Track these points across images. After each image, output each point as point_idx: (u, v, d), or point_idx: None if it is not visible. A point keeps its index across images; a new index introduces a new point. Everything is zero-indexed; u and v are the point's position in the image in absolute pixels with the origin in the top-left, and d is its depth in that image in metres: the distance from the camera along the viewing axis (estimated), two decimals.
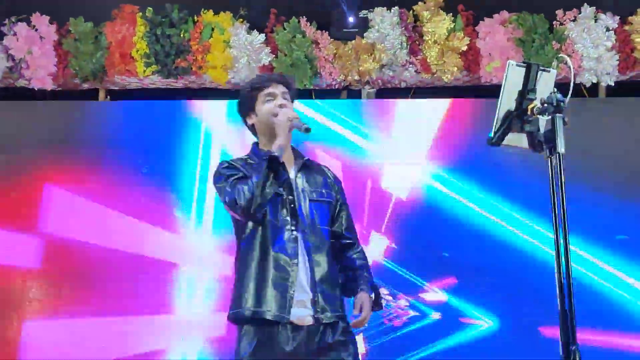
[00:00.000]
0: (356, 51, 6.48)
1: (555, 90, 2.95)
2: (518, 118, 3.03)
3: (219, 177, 3.65)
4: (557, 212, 2.82)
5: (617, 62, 6.27)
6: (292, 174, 3.73)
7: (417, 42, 6.46)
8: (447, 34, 6.42)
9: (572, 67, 3.09)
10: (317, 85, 6.65)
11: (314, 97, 6.76)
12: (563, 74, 6.17)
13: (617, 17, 6.34)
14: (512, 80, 3.06)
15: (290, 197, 3.64)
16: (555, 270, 2.78)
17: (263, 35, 6.51)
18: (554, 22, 6.38)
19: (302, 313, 3.53)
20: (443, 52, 6.42)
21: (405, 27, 6.46)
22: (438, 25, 6.41)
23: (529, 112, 3.00)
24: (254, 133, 3.86)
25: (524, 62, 3.07)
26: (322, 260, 3.63)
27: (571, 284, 2.74)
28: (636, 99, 6.52)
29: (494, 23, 6.43)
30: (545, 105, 2.90)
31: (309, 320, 3.53)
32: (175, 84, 6.75)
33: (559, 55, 5.96)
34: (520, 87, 3.05)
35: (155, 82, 6.75)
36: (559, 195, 2.82)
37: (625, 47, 6.32)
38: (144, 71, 6.59)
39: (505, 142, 3.10)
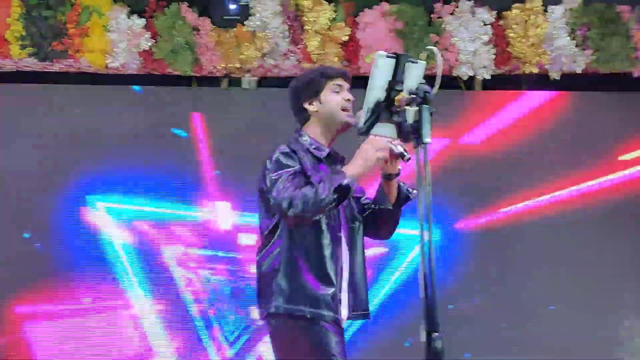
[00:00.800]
0: (237, 39, 6.44)
1: (423, 81, 2.98)
2: (387, 108, 3.06)
3: (277, 166, 3.48)
4: (422, 202, 2.85)
5: (493, 56, 6.41)
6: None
7: (298, 32, 6.46)
8: (328, 24, 6.44)
9: (440, 59, 3.12)
10: (197, 73, 6.57)
11: (194, 84, 6.70)
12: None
13: (494, 12, 6.48)
14: (382, 70, 3.09)
15: None
16: (420, 260, 2.81)
17: (143, 19, 6.40)
18: (433, 15, 6.47)
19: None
20: (324, 42, 6.44)
21: (287, 16, 6.45)
22: (319, 15, 6.42)
23: (397, 103, 3.03)
24: (305, 119, 3.72)
25: (393, 53, 3.09)
26: (357, 258, 3.65)
27: (434, 274, 2.78)
28: (511, 92, 6.70)
29: (375, 14, 6.48)
30: (413, 96, 2.93)
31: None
32: (51, 68, 6.57)
33: (427, 47, 6.04)
34: (389, 78, 3.08)
35: (30, 65, 6.55)
36: (425, 186, 2.85)
37: (500, 41, 6.46)
38: (19, 53, 6.40)
39: (374, 131, 3.13)
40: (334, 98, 3.62)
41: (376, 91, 3.09)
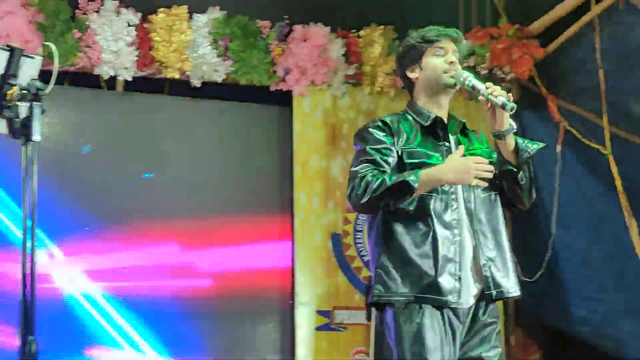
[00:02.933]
0: None
1: (36, 77, 2.93)
2: None
3: (362, 138, 3.35)
4: (27, 201, 2.80)
5: (136, 57, 6.41)
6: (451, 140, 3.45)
7: None
8: None
9: (55, 55, 3.08)
10: None
11: None
12: (82, 63, 6.21)
13: (139, 14, 6.48)
14: None
15: None
16: (21, 262, 2.75)
17: None
18: (77, 11, 6.35)
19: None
20: None
21: None
22: None
23: (8, 98, 2.95)
24: (411, 89, 3.51)
25: (7, 46, 3.00)
26: (484, 231, 3.36)
27: (34, 275, 2.74)
28: (152, 96, 6.74)
29: (15, 4, 6.21)
30: (24, 92, 2.87)
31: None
32: None
33: (45, 43, 5.93)
34: (2, 72, 2.98)
35: None
36: (30, 185, 2.80)
37: (144, 44, 6.47)
38: None
39: None
40: (434, 62, 3.43)
41: None
